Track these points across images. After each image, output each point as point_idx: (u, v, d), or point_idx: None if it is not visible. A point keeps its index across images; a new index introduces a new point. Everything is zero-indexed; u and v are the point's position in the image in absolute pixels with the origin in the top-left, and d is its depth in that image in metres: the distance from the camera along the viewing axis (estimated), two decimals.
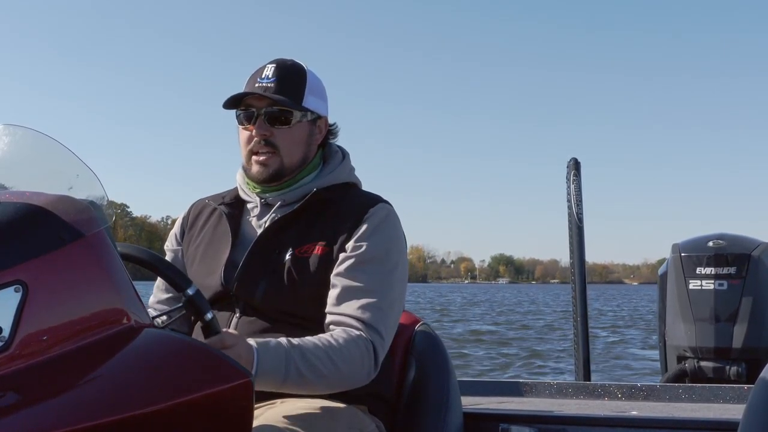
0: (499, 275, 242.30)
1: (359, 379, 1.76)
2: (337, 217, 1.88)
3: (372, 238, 1.85)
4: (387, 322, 1.81)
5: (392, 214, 1.93)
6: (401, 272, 1.88)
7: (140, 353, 1.23)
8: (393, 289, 1.85)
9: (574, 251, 4.54)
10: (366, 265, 1.82)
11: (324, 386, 1.71)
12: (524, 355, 13.73)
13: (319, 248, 1.84)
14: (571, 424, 2.32)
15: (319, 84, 1.98)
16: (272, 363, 1.64)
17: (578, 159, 4.63)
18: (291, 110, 1.90)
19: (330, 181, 1.96)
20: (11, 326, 1.14)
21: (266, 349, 1.63)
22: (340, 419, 1.74)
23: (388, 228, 1.89)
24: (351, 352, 1.73)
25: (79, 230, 1.24)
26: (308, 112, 1.93)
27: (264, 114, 1.90)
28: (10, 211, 1.23)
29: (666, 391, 2.94)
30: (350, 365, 1.73)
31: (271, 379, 1.63)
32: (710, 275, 4.28)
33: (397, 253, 1.88)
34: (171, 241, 2.09)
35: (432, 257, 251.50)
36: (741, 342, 4.16)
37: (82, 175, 1.42)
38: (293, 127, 1.91)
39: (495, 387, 3.16)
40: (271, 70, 1.92)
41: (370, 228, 1.86)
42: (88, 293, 1.22)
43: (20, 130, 1.45)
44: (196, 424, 1.22)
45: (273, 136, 1.90)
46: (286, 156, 1.91)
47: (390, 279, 1.84)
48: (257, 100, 1.91)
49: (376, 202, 1.92)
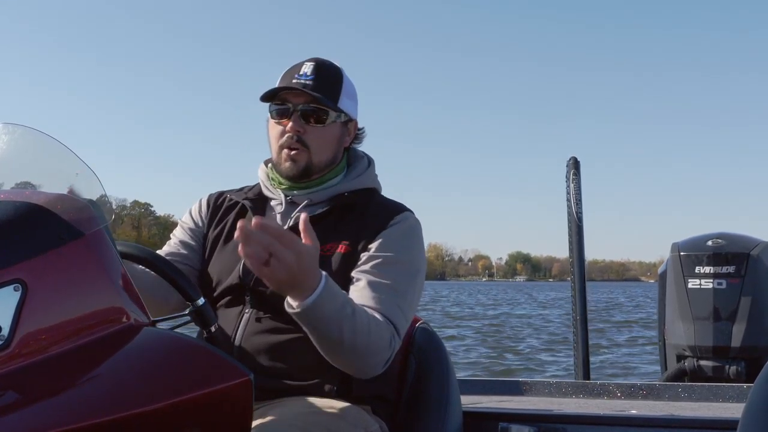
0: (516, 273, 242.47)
1: (377, 362, 1.74)
2: (362, 220, 1.89)
3: (399, 242, 1.86)
4: (405, 325, 1.82)
5: (418, 224, 1.95)
6: (420, 280, 1.90)
7: (140, 352, 1.23)
8: (414, 294, 1.86)
9: (573, 250, 4.54)
10: (391, 266, 1.82)
11: (351, 347, 1.67)
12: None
13: (342, 247, 1.84)
14: (570, 422, 2.32)
15: (353, 87, 1.99)
16: (336, 291, 1.64)
17: (578, 158, 4.63)
18: (327, 110, 1.90)
19: (356, 186, 1.96)
20: (11, 325, 1.14)
21: (332, 283, 1.63)
22: (344, 417, 1.74)
23: (414, 236, 1.91)
24: (382, 333, 1.73)
25: (79, 229, 1.24)
26: (342, 114, 1.94)
27: (300, 110, 1.89)
28: (10, 210, 1.23)
29: (665, 390, 2.94)
30: (378, 344, 1.72)
31: (328, 305, 1.62)
32: (709, 274, 4.29)
33: (419, 261, 1.90)
34: (192, 219, 2.04)
35: (450, 255, 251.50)
36: (740, 341, 4.16)
37: (82, 173, 1.41)
38: (327, 127, 1.91)
39: (494, 386, 3.16)
40: (310, 68, 1.91)
41: (397, 233, 1.87)
42: (87, 292, 1.22)
43: (19, 128, 1.45)
44: (196, 423, 1.22)
45: (306, 134, 1.89)
46: (315, 154, 1.91)
47: (412, 283, 1.85)
48: (294, 96, 1.90)
49: (402, 210, 1.94)
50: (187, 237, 2.01)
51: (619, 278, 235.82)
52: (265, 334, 1.80)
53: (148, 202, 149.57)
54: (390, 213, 1.91)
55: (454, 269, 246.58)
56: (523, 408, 2.57)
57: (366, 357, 1.71)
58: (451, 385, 2.06)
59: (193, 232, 2.02)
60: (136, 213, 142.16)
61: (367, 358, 1.71)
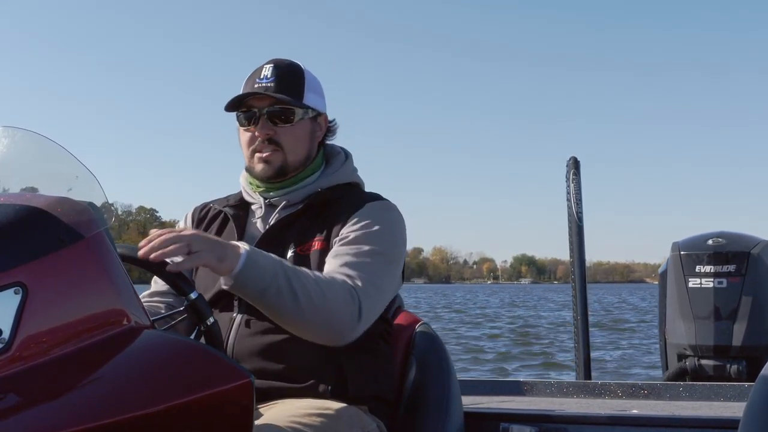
0: (521, 275, 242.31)
1: (342, 320, 1.71)
2: (338, 214, 1.89)
3: (370, 218, 1.86)
4: (373, 290, 1.78)
5: (394, 207, 1.94)
6: (396, 254, 1.87)
7: (140, 354, 1.23)
8: (386, 266, 1.83)
9: (574, 251, 4.54)
10: (359, 235, 1.82)
11: (306, 311, 1.66)
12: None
13: (318, 243, 1.85)
14: (571, 423, 2.32)
15: (317, 81, 1.99)
16: (265, 255, 1.66)
17: (578, 158, 4.64)
18: (293, 108, 1.91)
19: (333, 181, 1.97)
20: (11, 328, 1.14)
21: (257, 252, 1.66)
22: (341, 418, 1.73)
23: (386, 213, 1.91)
24: (337, 289, 1.71)
25: (79, 232, 1.24)
26: (309, 110, 1.95)
27: (266, 113, 1.90)
28: (10, 213, 1.23)
29: (666, 390, 2.94)
30: (335, 300, 1.69)
31: (264, 275, 1.63)
32: (710, 273, 4.29)
33: (390, 233, 1.87)
34: None
35: (455, 258, 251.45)
36: (741, 340, 4.16)
37: (81, 176, 1.41)
38: (296, 125, 1.92)
39: (495, 386, 3.16)
40: (269, 70, 1.93)
41: (369, 210, 1.88)
42: (87, 295, 1.22)
43: (19, 132, 1.45)
44: (197, 425, 1.22)
45: (276, 135, 1.91)
46: (290, 153, 1.92)
47: (383, 249, 1.83)
48: (258, 101, 1.91)
49: (377, 198, 1.94)
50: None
51: (624, 280, 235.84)
52: (257, 336, 1.81)
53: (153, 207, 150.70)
54: (364, 201, 1.91)
55: (459, 272, 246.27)
56: (524, 408, 2.57)
57: (328, 314, 1.69)
58: (452, 386, 2.06)
59: None
60: (142, 219, 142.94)
61: (330, 315, 1.69)
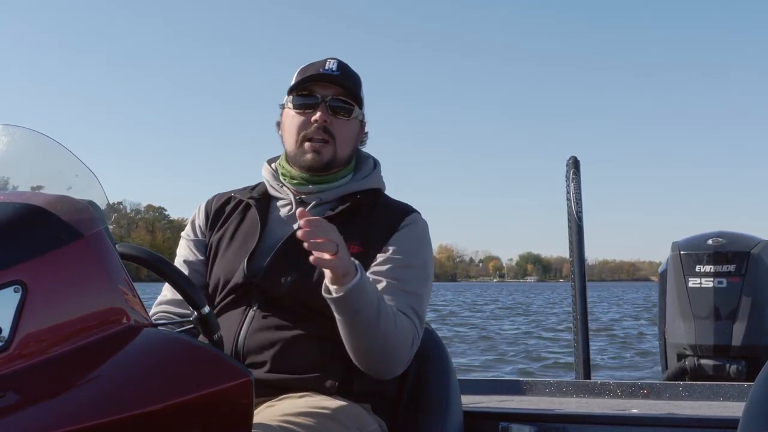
0: (527, 273, 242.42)
1: (401, 357, 1.78)
2: (370, 220, 1.90)
3: (412, 245, 1.89)
4: (421, 327, 1.86)
5: (426, 225, 1.98)
6: (431, 283, 1.94)
7: (140, 353, 1.23)
8: (427, 297, 1.90)
9: (573, 250, 4.54)
10: (407, 270, 1.85)
11: (378, 344, 1.72)
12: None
13: (353, 247, 1.82)
14: (571, 422, 2.32)
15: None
16: (368, 278, 1.70)
17: (577, 157, 4.64)
18: (353, 105, 1.92)
19: (363, 186, 1.97)
20: (11, 326, 1.14)
21: (365, 274, 1.70)
22: (341, 417, 1.73)
23: (425, 239, 1.95)
24: (406, 327, 1.77)
25: (79, 230, 1.24)
26: (362, 112, 1.97)
27: (329, 101, 1.89)
28: (10, 211, 1.23)
29: (666, 389, 2.94)
30: (404, 338, 1.76)
31: (366, 299, 1.67)
32: (709, 273, 4.29)
33: (431, 265, 1.94)
34: (193, 231, 2.03)
35: (461, 257, 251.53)
36: (740, 340, 4.16)
37: (81, 175, 1.42)
38: (351, 121, 1.93)
39: (495, 385, 3.16)
40: (334, 64, 1.92)
41: (410, 235, 1.90)
42: (87, 293, 1.22)
43: (19, 130, 1.45)
44: (196, 424, 1.22)
45: (332, 126, 1.90)
46: (340, 147, 1.92)
47: (426, 287, 1.89)
48: (322, 88, 1.90)
49: (410, 211, 1.96)
50: (191, 255, 2.00)
51: (630, 278, 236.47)
52: (269, 331, 1.81)
53: (161, 206, 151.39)
54: (399, 214, 1.93)
55: (465, 270, 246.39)
56: (523, 407, 2.57)
57: (393, 349, 1.73)
58: (452, 385, 2.06)
59: (195, 246, 2.01)
60: (150, 217, 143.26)
61: (393, 351, 1.74)
